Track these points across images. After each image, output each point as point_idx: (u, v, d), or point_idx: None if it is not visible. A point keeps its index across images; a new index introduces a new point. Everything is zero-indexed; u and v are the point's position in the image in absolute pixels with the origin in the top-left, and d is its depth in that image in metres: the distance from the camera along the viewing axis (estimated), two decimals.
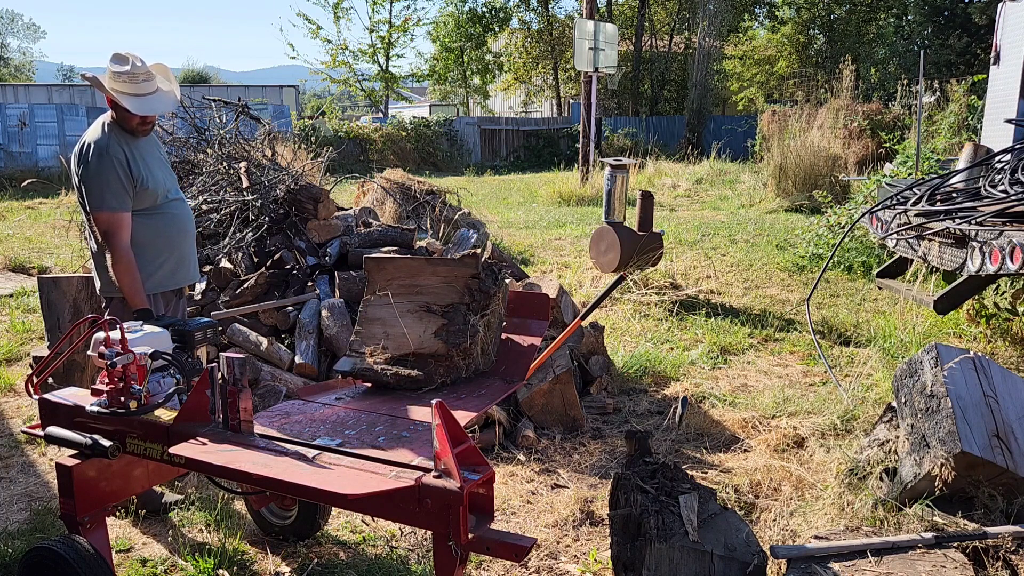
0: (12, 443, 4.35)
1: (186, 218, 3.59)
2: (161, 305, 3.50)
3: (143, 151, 3.39)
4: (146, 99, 3.26)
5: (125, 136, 3.33)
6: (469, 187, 14.50)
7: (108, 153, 3.23)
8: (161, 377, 2.67)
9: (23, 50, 60.45)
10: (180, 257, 3.55)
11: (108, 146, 3.25)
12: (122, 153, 3.26)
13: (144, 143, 3.42)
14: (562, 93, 35.29)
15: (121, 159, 3.25)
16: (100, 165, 3.22)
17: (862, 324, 6.28)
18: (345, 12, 42.51)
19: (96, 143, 3.26)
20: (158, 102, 3.30)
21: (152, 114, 3.31)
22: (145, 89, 3.26)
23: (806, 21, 30.40)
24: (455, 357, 2.69)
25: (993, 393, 3.13)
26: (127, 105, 3.22)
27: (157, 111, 3.32)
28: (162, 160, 3.55)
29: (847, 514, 3.12)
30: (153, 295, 3.44)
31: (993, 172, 5.42)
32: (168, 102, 3.36)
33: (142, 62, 3.28)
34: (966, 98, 11.23)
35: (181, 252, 3.55)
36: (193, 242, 3.66)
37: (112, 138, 3.28)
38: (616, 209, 7.26)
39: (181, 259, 3.56)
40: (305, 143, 12.03)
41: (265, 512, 3.29)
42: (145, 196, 3.35)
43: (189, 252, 3.61)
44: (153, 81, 3.30)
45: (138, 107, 3.23)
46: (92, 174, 3.23)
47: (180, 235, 3.54)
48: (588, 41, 15.16)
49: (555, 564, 3.10)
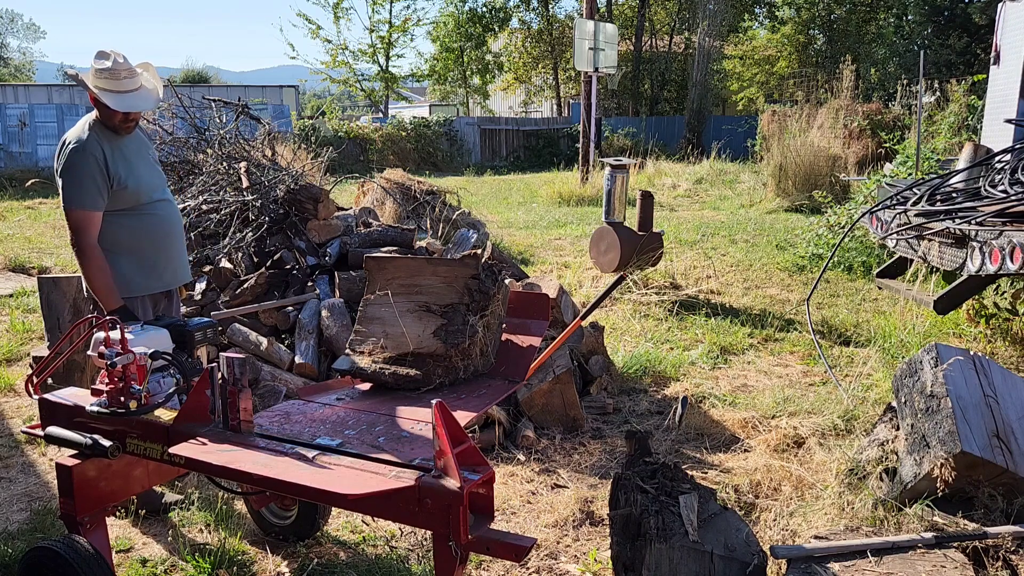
0: (12, 443, 4.35)
1: (173, 219, 3.54)
2: (150, 307, 3.46)
3: (127, 150, 3.35)
4: (127, 96, 3.23)
5: (108, 134, 3.30)
6: (469, 187, 14.50)
7: (85, 151, 3.20)
8: (161, 377, 2.67)
9: (23, 50, 60.54)
10: (168, 258, 3.50)
11: (86, 144, 3.21)
12: (100, 151, 3.22)
13: (129, 142, 3.38)
14: (562, 93, 35.29)
15: (99, 157, 3.21)
16: (76, 163, 3.19)
17: (862, 324, 6.28)
18: (345, 12, 42.60)
19: (75, 141, 3.23)
20: (140, 99, 3.27)
21: (133, 111, 3.26)
22: (127, 86, 3.23)
23: (806, 21, 30.42)
24: (453, 357, 2.69)
25: (993, 393, 3.13)
26: (108, 102, 3.19)
27: (138, 108, 3.27)
28: (150, 160, 3.50)
29: (847, 514, 3.12)
30: (142, 297, 3.41)
31: (993, 172, 5.42)
32: (150, 99, 3.32)
33: (124, 59, 3.25)
34: (966, 98, 11.23)
35: (169, 253, 3.50)
36: (182, 243, 3.62)
37: (92, 136, 3.25)
38: (616, 209, 7.26)
39: (169, 260, 3.51)
40: (305, 143, 12.02)
41: (265, 512, 3.29)
42: (126, 196, 3.30)
43: (177, 253, 3.56)
44: (136, 79, 3.27)
45: (119, 104, 3.20)
46: (67, 172, 3.20)
47: (167, 236, 3.49)
48: (588, 41, 15.16)
49: (555, 564, 3.10)
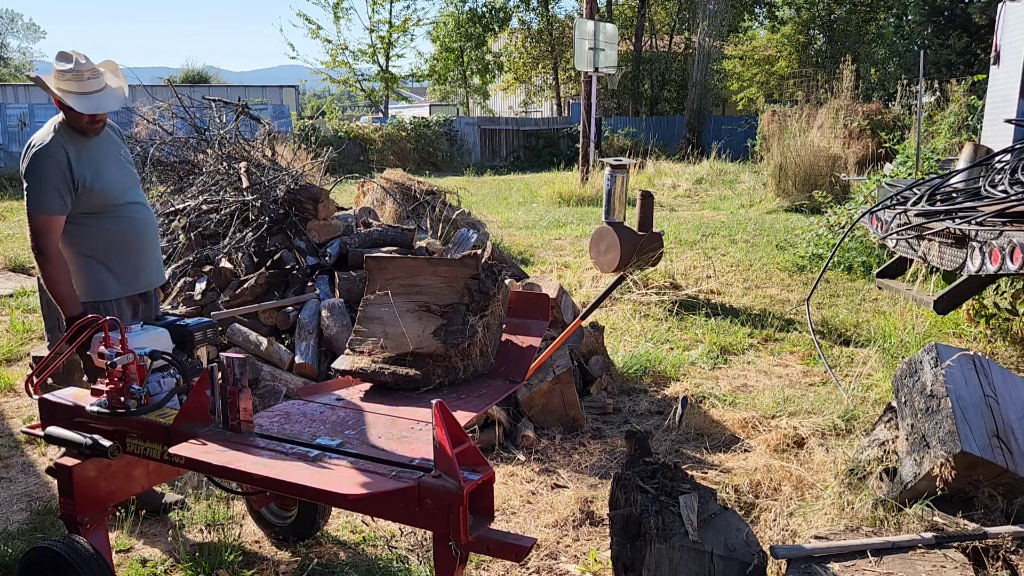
0: (12, 443, 4.35)
1: (146, 221, 3.48)
2: (127, 310, 3.42)
3: (96, 152, 3.28)
4: (92, 97, 3.16)
5: (74, 136, 3.23)
6: (469, 187, 14.49)
7: (48, 154, 3.14)
8: (161, 377, 2.67)
9: (23, 50, 60.60)
10: (142, 261, 3.45)
11: (49, 147, 3.16)
12: (64, 155, 3.16)
13: (99, 143, 3.31)
14: (562, 93, 35.29)
15: (62, 161, 3.15)
16: (38, 166, 3.14)
17: (862, 324, 6.28)
18: (345, 12, 42.63)
19: (39, 144, 3.18)
20: (105, 100, 3.20)
21: (99, 112, 3.19)
22: (91, 87, 3.16)
23: (806, 21, 30.42)
24: (453, 357, 2.69)
25: (993, 393, 3.13)
26: (72, 104, 3.12)
27: (104, 109, 3.20)
28: (121, 160, 3.42)
29: (847, 514, 3.12)
30: (117, 300, 3.38)
31: (993, 172, 5.42)
32: (116, 99, 3.25)
33: (87, 59, 3.19)
34: (966, 98, 11.23)
35: (143, 257, 3.45)
36: (156, 245, 3.56)
37: (56, 139, 3.19)
38: (616, 209, 7.26)
39: (143, 263, 3.46)
40: (305, 143, 12.02)
41: (265, 512, 3.29)
42: (93, 198, 3.24)
43: (150, 256, 3.51)
44: (100, 79, 3.20)
45: (84, 105, 3.13)
46: (30, 175, 3.15)
47: (140, 239, 3.43)
48: (588, 41, 15.16)
49: (555, 564, 3.10)
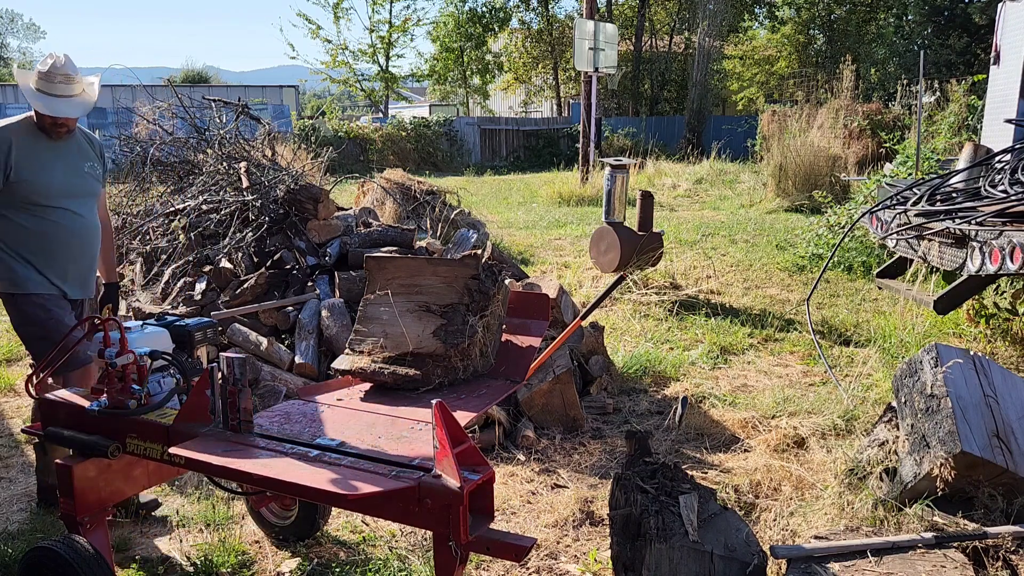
0: (12, 443, 4.35)
1: (80, 232, 3.44)
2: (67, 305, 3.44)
3: (48, 152, 3.34)
4: (55, 100, 3.24)
5: (32, 131, 3.33)
6: (469, 187, 14.50)
7: None
8: (161, 377, 2.67)
9: (23, 50, 60.60)
10: (65, 269, 3.42)
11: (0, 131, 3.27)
12: (8, 142, 3.24)
13: (58, 145, 3.37)
14: (562, 93, 35.29)
15: (2, 146, 3.23)
16: None
17: (862, 324, 6.28)
18: (345, 12, 42.69)
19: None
20: (66, 105, 3.27)
21: (54, 115, 3.26)
22: (57, 91, 3.24)
23: (806, 21, 30.43)
24: (453, 357, 2.68)
25: (993, 393, 3.13)
26: (29, 99, 3.24)
27: (61, 113, 3.26)
28: (78, 170, 3.43)
29: (847, 514, 3.12)
30: (48, 295, 3.37)
31: (993, 172, 5.42)
32: (78, 108, 3.30)
33: (72, 68, 3.27)
34: (966, 98, 11.23)
35: (65, 264, 3.41)
36: (83, 255, 3.49)
37: (12, 126, 3.30)
38: (616, 209, 7.26)
39: (66, 271, 3.43)
40: (305, 143, 12.02)
41: (265, 512, 3.29)
42: (20, 189, 3.27)
43: (75, 264, 3.46)
44: (72, 86, 3.27)
45: (43, 106, 3.24)
46: None
47: (64, 246, 3.40)
48: (588, 41, 15.16)
49: (555, 564, 3.10)
